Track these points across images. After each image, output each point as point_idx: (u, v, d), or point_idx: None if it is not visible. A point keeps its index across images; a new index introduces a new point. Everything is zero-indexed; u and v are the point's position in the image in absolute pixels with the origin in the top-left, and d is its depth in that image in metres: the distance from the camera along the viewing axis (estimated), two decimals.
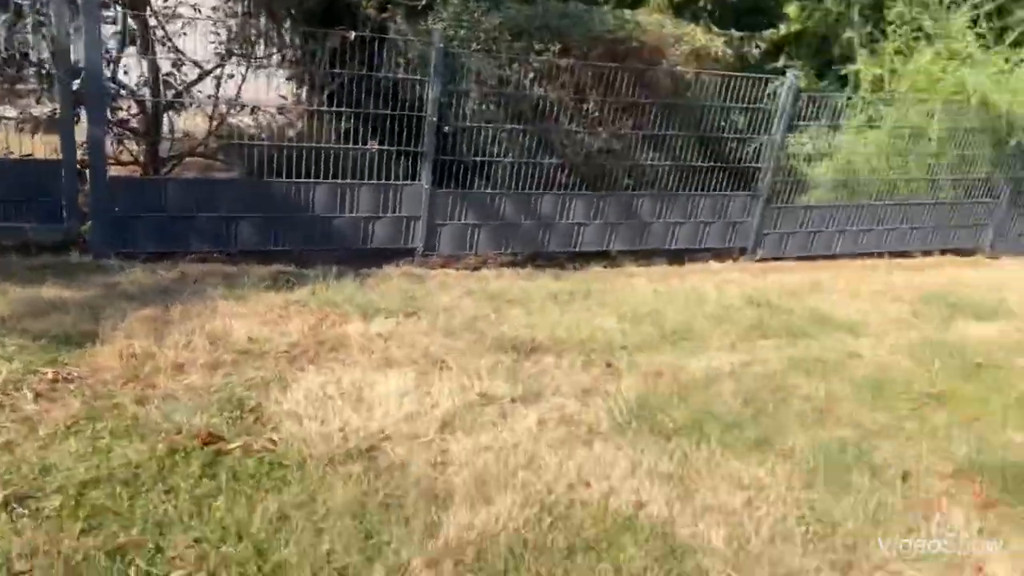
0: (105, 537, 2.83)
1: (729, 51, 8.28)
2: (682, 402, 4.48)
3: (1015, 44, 9.31)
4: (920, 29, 9.34)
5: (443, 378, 4.41)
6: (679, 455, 3.90)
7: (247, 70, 6.29)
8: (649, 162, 7.52)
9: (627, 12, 7.99)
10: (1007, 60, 9.07)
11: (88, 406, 3.68)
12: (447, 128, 6.52)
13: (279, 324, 4.89)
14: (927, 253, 9.32)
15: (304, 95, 6.88)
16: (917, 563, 3.33)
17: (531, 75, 6.78)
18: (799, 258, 8.49)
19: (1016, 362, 5.79)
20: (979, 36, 9.25)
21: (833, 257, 8.68)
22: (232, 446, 3.46)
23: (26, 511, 2.91)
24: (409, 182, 6.58)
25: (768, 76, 7.84)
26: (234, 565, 2.76)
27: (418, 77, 6.36)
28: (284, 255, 6.29)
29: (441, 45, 6.23)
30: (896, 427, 4.54)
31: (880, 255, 8.99)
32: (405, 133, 6.37)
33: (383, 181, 6.49)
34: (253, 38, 6.40)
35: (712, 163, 7.74)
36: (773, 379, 5.00)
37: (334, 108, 6.38)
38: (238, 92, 6.34)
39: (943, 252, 9.42)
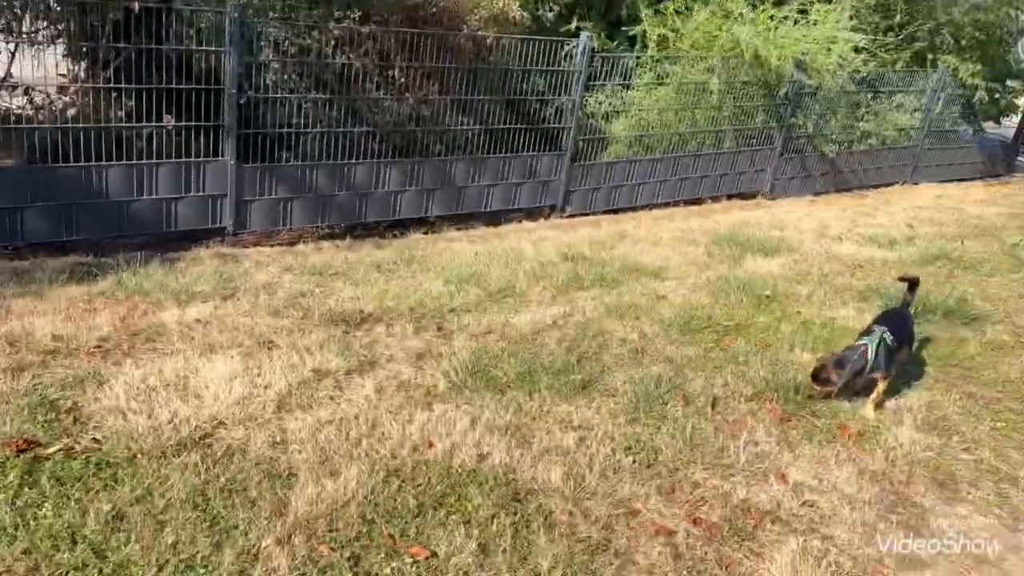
0: None
1: (525, 14, 8.51)
2: (512, 356, 4.67)
3: (777, 2, 10.21)
4: None
5: (273, 358, 4.33)
6: (514, 406, 4.09)
7: (15, 47, 5.71)
8: (459, 127, 7.61)
9: None
10: (772, 18, 9.93)
11: None
12: (246, 100, 6.27)
13: (85, 319, 4.58)
14: (716, 199, 10.15)
15: (85, 72, 6.34)
16: (731, 478, 3.73)
17: (333, 43, 6.64)
18: (605, 212, 8.97)
19: (798, 291, 6.50)
20: None
21: (635, 209, 9.24)
22: (51, 450, 3.25)
23: None
24: (212, 158, 6.28)
25: (563, 39, 8.14)
26: (71, 571, 2.63)
27: (214, 48, 6.06)
28: (80, 245, 5.85)
29: (236, 14, 5.95)
30: (703, 359, 4.99)
31: (676, 204, 9.68)
32: (204, 107, 6.07)
33: (183, 159, 6.16)
34: (17, 10, 5.80)
35: (519, 125, 7.96)
36: (592, 326, 5.32)
37: (123, 85, 5.92)
38: (7, 71, 5.75)
39: (729, 197, 10.30)
